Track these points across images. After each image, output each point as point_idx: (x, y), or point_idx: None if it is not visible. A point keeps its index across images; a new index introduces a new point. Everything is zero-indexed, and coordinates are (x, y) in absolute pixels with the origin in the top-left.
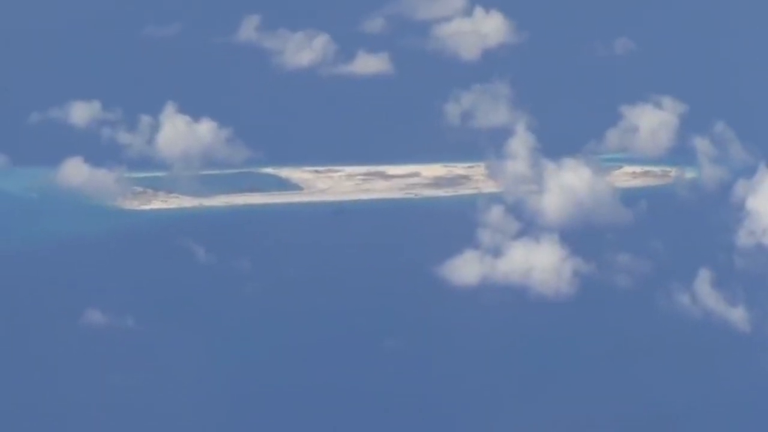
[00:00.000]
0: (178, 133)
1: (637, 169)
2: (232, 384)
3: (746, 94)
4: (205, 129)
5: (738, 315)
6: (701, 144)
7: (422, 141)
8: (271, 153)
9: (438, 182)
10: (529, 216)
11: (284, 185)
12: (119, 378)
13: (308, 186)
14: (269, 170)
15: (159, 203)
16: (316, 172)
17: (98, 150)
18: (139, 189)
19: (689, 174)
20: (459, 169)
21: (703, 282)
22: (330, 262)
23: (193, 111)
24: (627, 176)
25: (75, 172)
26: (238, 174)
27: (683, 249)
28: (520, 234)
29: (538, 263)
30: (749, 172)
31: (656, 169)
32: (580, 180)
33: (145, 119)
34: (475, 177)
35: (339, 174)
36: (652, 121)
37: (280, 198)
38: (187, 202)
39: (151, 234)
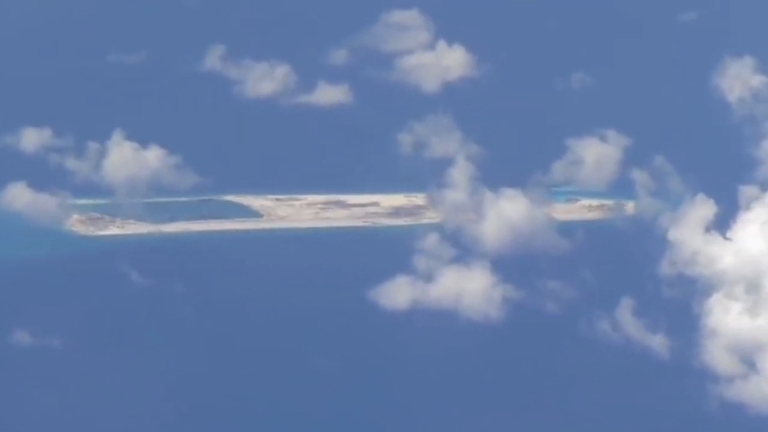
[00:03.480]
0: (125, 159)
1: (584, 202)
2: (156, 403)
3: (686, 129)
4: (153, 156)
5: (657, 342)
6: (641, 177)
7: (377, 171)
8: (225, 180)
9: (397, 212)
10: (466, 244)
11: (245, 212)
12: (39, 397)
13: (268, 213)
14: (230, 198)
15: (115, 229)
16: (278, 200)
17: (44, 175)
18: (96, 215)
19: (628, 206)
20: (418, 199)
21: (625, 310)
22: (269, 286)
23: (143, 138)
24: (575, 208)
25: (17, 196)
26: (199, 201)
27: (610, 278)
28: (454, 261)
29: (469, 289)
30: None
31: (598, 201)
32: (519, 210)
33: (93, 146)
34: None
35: (300, 202)
36: (597, 154)
37: (239, 225)
38: (144, 228)
39: (94, 259)
